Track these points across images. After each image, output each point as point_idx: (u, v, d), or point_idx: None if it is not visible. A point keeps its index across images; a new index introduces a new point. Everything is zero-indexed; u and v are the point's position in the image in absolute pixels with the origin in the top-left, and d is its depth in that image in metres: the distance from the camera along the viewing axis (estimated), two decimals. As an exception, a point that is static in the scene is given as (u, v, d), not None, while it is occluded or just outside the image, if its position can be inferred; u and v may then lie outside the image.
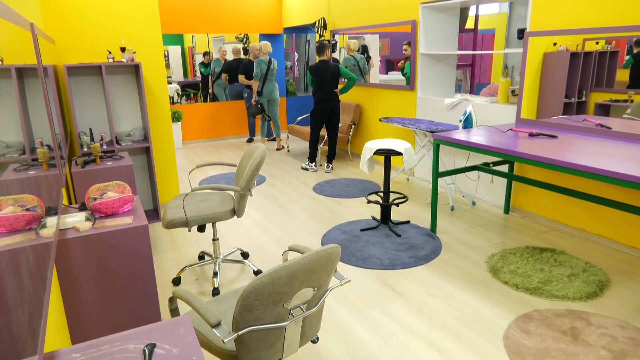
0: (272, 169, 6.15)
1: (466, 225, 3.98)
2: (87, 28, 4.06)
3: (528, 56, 3.87)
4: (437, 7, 5.03)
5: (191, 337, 1.28)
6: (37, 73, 1.93)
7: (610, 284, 2.94)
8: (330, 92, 5.62)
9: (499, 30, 7.05)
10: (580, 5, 3.46)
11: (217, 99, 8.12)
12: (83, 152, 3.90)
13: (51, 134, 2.11)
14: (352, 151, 6.82)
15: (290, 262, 1.46)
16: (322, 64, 5.58)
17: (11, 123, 1.23)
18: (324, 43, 5.62)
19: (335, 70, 5.60)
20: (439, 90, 5.40)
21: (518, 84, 5.36)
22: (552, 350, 2.28)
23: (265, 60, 6.80)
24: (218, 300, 1.95)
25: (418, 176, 5.51)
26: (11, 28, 1.37)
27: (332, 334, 2.51)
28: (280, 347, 1.63)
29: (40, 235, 1.31)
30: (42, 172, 1.59)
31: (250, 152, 3.05)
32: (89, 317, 2.16)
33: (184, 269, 3.16)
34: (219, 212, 2.91)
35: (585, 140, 3.27)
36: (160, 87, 4.45)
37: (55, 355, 1.20)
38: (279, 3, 8.17)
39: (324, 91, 5.61)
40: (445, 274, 3.13)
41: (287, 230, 4.00)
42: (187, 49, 7.94)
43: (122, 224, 2.14)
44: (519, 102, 4.00)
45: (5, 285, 0.87)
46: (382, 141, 3.81)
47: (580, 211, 3.69)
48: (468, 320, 2.60)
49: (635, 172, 2.41)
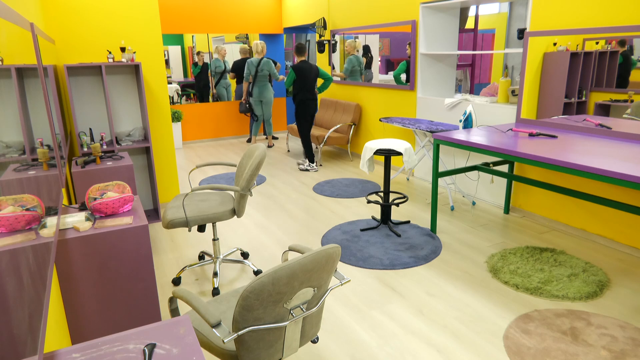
0: (272, 169, 6.15)
1: (466, 225, 3.98)
2: (87, 28, 4.06)
3: (528, 56, 3.87)
4: (437, 7, 5.03)
5: (191, 337, 1.28)
6: (37, 73, 1.93)
7: (610, 284, 2.94)
8: (312, 91, 5.85)
9: (499, 30, 7.05)
10: (580, 5, 3.46)
11: (220, 99, 8.11)
12: (83, 152, 3.90)
13: (51, 134, 2.11)
14: (352, 151, 6.82)
15: (290, 262, 1.46)
16: (304, 64, 5.76)
17: (11, 123, 1.23)
18: (304, 44, 5.87)
19: (316, 70, 5.84)
20: (439, 90, 5.40)
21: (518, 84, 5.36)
22: (552, 350, 2.28)
23: (254, 62, 6.78)
24: (218, 300, 1.95)
25: (418, 176, 5.51)
26: (11, 28, 1.37)
27: (332, 334, 2.51)
28: (280, 347, 1.63)
29: (40, 235, 1.31)
30: (42, 172, 1.59)
31: (250, 152, 3.05)
32: (89, 317, 2.16)
33: (184, 269, 3.16)
34: (219, 212, 2.91)
35: (585, 140, 3.27)
36: (160, 87, 4.45)
37: (55, 355, 1.20)
38: (279, 3, 8.17)
39: (308, 90, 5.80)
40: (445, 274, 3.13)
41: (287, 230, 4.00)
42: (187, 49, 7.94)
43: (122, 224, 2.14)
44: (519, 102, 4.00)
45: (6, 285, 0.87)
46: (382, 141, 3.81)
47: (580, 211, 3.69)
48: (468, 320, 2.60)
49: (635, 172, 2.41)
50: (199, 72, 7.98)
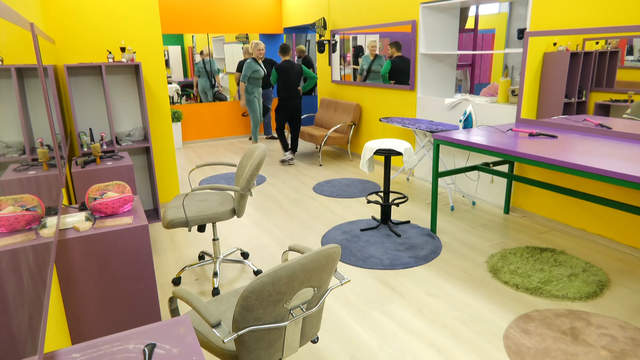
0: (272, 169, 6.15)
1: (466, 225, 3.98)
2: (87, 28, 4.06)
3: (528, 56, 3.87)
4: (437, 7, 5.03)
5: (191, 337, 1.28)
6: (37, 73, 1.93)
7: (610, 284, 2.94)
8: (294, 89, 6.05)
9: (499, 30, 7.05)
10: (580, 5, 3.46)
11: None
12: (83, 152, 3.90)
13: (51, 134, 2.11)
14: (352, 151, 6.82)
15: (290, 262, 1.46)
16: (287, 63, 6.00)
17: (11, 123, 1.23)
18: (288, 45, 6.12)
19: (299, 70, 6.06)
20: (439, 90, 5.40)
21: (518, 84, 5.36)
22: (552, 350, 2.28)
23: (249, 64, 6.75)
24: (218, 300, 1.95)
25: (418, 176, 5.51)
26: (11, 28, 1.37)
27: (332, 334, 2.51)
28: (280, 347, 1.63)
29: (40, 235, 1.31)
30: (42, 172, 1.59)
31: (250, 152, 3.05)
32: (89, 317, 2.16)
33: (184, 269, 3.16)
34: (219, 212, 2.91)
35: (585, 140, 3.27)
36: (160, 87, 4.45)
37: (55, 355, 1.20)
38: (279, 3, 8.17)
39: (289, 89, 6.02)
40: (445, 274, 3.13)
41: (287, 230, 4.00)
42: (187, 49, 7.94)
43: (122, 224, 2.14)
44: (519, 102, 4.00)
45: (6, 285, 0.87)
46: (382, 141, 3.81)
47: (580, 211, 3.69)
48: (468, 320, 2.60)
49: (635, 172, 2.41)
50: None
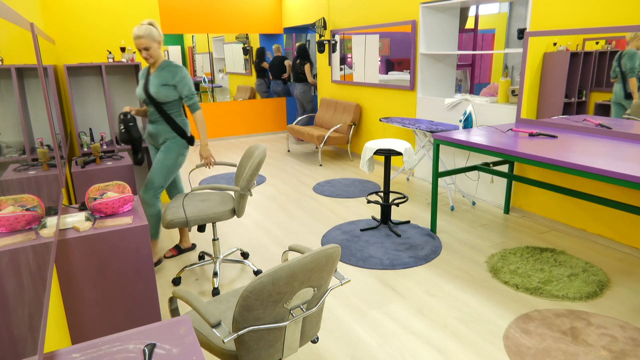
0: (272, 169, 6.15)
1: (466, 225, 3.98)
2: (87, 28, 4.06)
3: (528, 56, 3.87)
4: (437, 7, 5.03)
5: (191, 337, 1.28)
6: (37, 73, 1.93)
7: (610, 284, 2.94)
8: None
9: (499, 30, 7.05)
10: (580, 5, 3.46)
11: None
12: (83, 152, 3.90)
13: (51, 134, 2.11)
14: (352, 151, 6.82)
15: (290, 262, 1.46)
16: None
17: (11, 123, 1.23)
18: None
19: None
20: (439, 90, 5.40)
21: (518, 84, 5.36)
22: (552, 350, 2.28)
23: None
24: (218, 300, 1.95)
25: (418, 176, 5.51)
26: (11, 28, 1.37)
27: (332, 334, 2.51)
28: (280, 347, 1.63)
29: (40, 235, 1.31)
30: (42, 172, 1.59)
31: (250, 152, 3.05)
32: (89, 317, 2.16)
33: (184, 269, 3.16)
34: (219, 212, 2.91)
35: (585, 140, 3.27)
36: (160, 87, 4.44)
37: (55, 355, 1.20)
38: (279, 3, 8.17)
39: None
40: (445, 274, 3.13)
41: (287, 230, 4.00)
42: (187, 49, 7.94)
43: (122, 224, 2.14)
44: (519, 102, 4.00)
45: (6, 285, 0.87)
46: (382, 141, 3.81)
47: (580, 211, 3.69)
48: (468, 320, 2.60)
49: (635, 172, 2.41)
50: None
